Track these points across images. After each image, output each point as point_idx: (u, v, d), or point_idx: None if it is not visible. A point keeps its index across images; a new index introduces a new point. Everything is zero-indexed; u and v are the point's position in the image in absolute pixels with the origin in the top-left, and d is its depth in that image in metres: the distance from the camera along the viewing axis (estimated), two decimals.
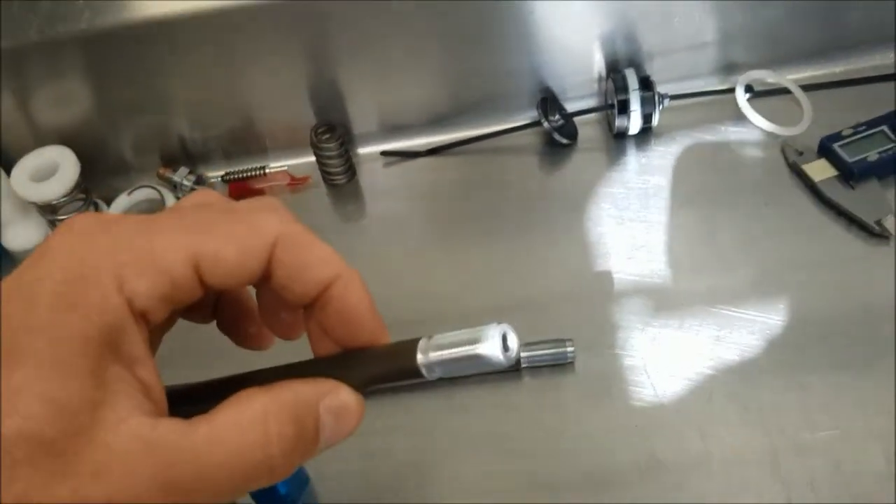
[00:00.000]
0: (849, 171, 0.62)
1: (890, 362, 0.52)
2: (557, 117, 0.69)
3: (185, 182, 0.72)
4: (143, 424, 0.22)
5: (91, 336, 0.22)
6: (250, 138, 0.74)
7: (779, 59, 0.71)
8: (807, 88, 0.69)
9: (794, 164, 0.64)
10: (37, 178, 0.67)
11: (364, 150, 0.75)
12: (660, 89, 0.67)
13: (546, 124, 0.69)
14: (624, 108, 0.67)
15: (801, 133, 0.67)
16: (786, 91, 0.70)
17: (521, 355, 0.55)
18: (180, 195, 0.72)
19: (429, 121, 0.74)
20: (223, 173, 0.74)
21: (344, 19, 0.66)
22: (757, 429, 0.51)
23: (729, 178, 0.66)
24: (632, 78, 0.67)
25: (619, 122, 0.68)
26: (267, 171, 0.73)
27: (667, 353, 0.56)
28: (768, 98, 0.70)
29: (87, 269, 0.23)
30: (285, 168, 0.73)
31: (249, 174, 0.73)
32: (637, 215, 0.65)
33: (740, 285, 0.59)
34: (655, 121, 0.68)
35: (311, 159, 0.72)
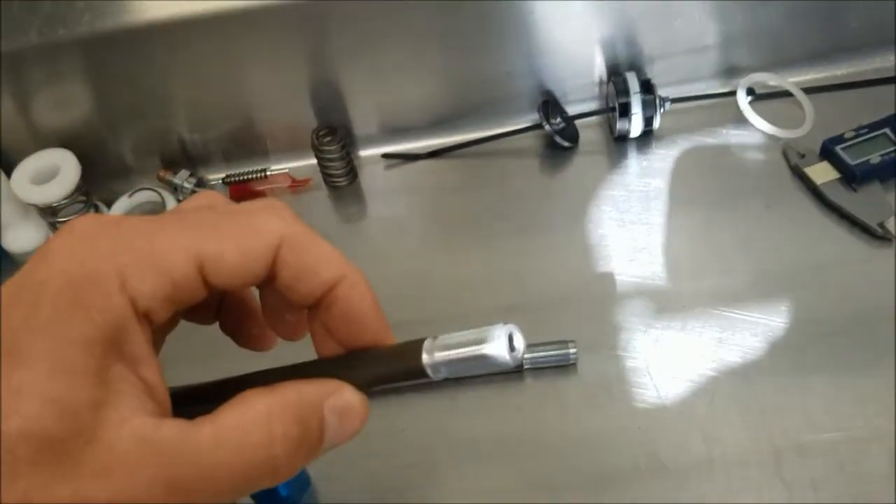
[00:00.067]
0: (851, 174, 0.62)
1: (892, 363, 0.52)
2: (559, 120, 0.69)
3: (185, 184, 0.72)
4: (146, 425, 0.22)
5: (94, 336, 0.22)
6: (251, 140, 0.74)
7: (780, 62, 0.71)
8: (808, 91, 0.69)
9: (796, 167, 0.64)
10: (37, 181, 0.66)
11: (365, 153, 0.75)
12: (661, 92, 0.67)
13: (547, 127, 0.69)
14: (625, 111, 0.67)
15: (802, 136, 0.67)
16: (787, 94, 0.70)
17: (524, 357, 0.55)
18: (181, 198, 0.72)
19: (430, 123, 0.74)
20: (224, 176, 0.74)
21: (345, 21, 0.66)
22: (759, 430, 0.51)
23: (730, 181, 0.66)
24: (633, 81, 0.67)
25: (621, 125, 0.68)
26: (268, 173, 0.73)
27: (669, 355, 0.56)
28: (770, 101, 0.70)
29: (89, 269, 0.22)
30: (286, 170, 0.73)
31: (250, 176, 0.73)
32: (638, 218, 0.65)
33: (742, 287, 0.59)
34: (657, 124, 0.68)
35: (313, 161, 0.72)
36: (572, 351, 0.55)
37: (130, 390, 0.22)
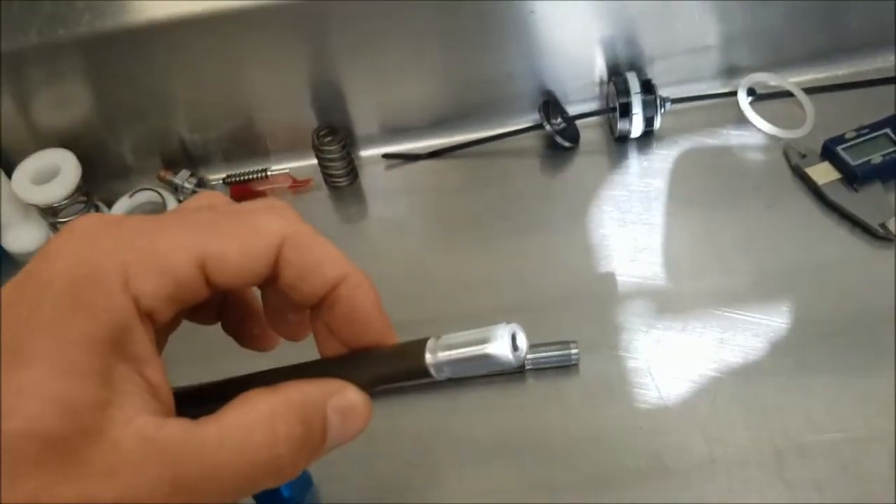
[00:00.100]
0: (852, 174, 0.62)
1: (893, 364, 0.52)
2: (559, 120, 0.69)
3: (186, 185, 0.72)
4: (150, 424, 0.22)
5: (97, 336, 0.22)
6: (252, 140, 0.74)
7: (781, 62, 0.71)
8: (809, 91, 0.69)
9: (797, 167, 0.64)
10: (38, 181, 0.66)
11: (366, 153, 0.75)
12: (661, 92, 0.67)
13: (548, 127, 0.69)
14: (626, 111, 0.67)
15: (803, 136, 0.67)
16: (788, 94, 0.70)
17: (527, 357, 0.55)
18: (181, 198, 0.72)
19: (431, 123, 0.74)
20: (224, 176, 0.74)
21: (345, 21, 0.66)
22: (761, 431, 0.51)
23: (731, 181, 0.66)
24: (633, 81, 0.67)
25: (621, 125, 0.68)
26: (268, 173, 0.73)
27: (670, 356, 0.56)
28: (770, 101, 0.70)
29: (92, 269, 0.22)
30: (287, 170, 0.73)
31: (251, 176, 0.73)
32: (639, 218, 0.65)
33: (743, 288, 0.59)
34: (657, 124, 0.68)
35: (313, 162, 0.72)
36: (574, 351, 0.55)
37: (134, 390, 0.22)
